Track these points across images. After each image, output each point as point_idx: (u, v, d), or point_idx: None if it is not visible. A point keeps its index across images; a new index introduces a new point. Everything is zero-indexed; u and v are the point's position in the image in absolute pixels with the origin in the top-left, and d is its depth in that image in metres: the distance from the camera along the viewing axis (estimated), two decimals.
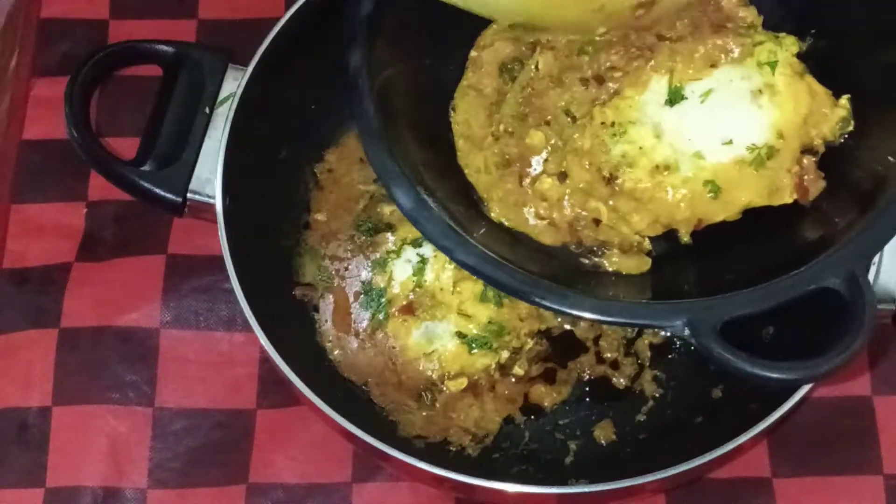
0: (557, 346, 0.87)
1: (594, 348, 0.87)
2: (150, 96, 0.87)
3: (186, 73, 0.85)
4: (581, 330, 0.87)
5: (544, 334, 0.87)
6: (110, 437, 0.87)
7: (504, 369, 0.86)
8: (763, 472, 0.86)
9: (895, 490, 0.85)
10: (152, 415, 0.88)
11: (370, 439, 0.74)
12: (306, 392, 0.75)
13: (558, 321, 0.87)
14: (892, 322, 0.79)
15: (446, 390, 0.84)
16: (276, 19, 0.84)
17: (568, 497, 0.77)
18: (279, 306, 0.85)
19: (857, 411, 0.88)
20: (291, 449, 0.87)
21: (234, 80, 0.84)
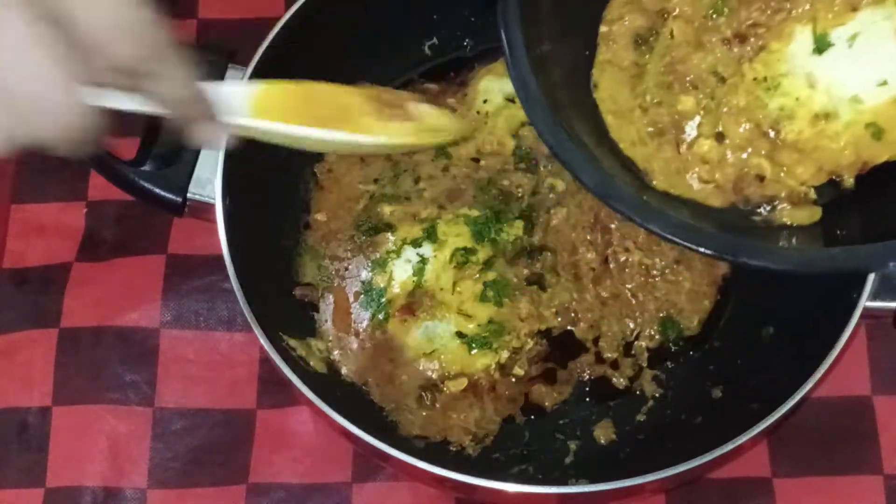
0: (557, 347, 0.87)
1: (594, 349, 0.87)
2: None
3: None
4: (580, 330, 0.87)
5: (544, 334, 0.87)
6: (110, 436, 0.87)
7: (504, 369, 0.86)
8: (763, 472, 0.86)
9: (895, 490, 0.85)
10: (152, 415, 0.88)
11: (370, 439, 0.74)
12: (306, 392, 0.75)
13: (558, 321, 0.87)
14: (893, 322, 0.79)
15: (446, 390, 0.84)
16: (276, 19, 0.84)
17: (568, 497, 0.77)
18: (279, 306, 0.85)
19: (857, 411, 0.87)
20: (291, 449, 0.87)
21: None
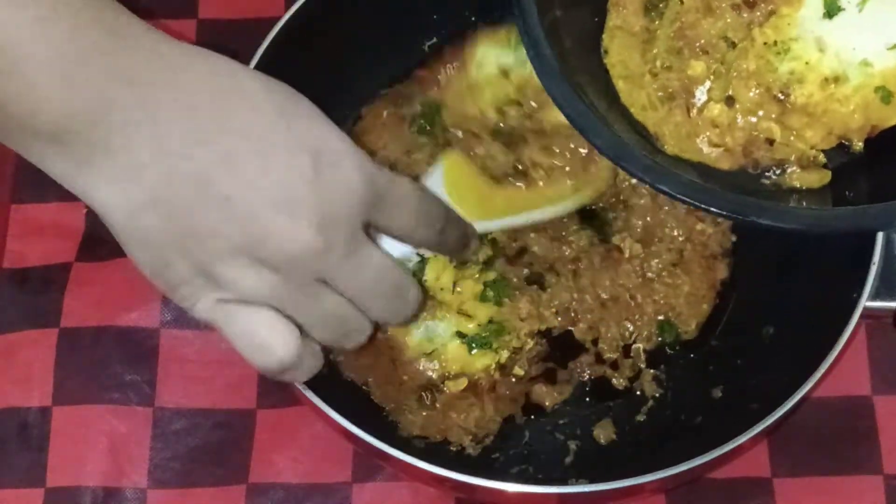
0: (557, 347, 0.87)
1: (594, 349, 0.87)
2: None
3: None
4: (580, 331, 0.87)
5: (544, 334, 0.87)
6: (110, 436, 0.87)
7: (504, 369, 0.85)
8: (763, 472, 0.86)
9: (895, 490, 0.85)
10: (152, 414, 0.88)
11: (370, 439, 0.74)
12: (306, 392, 0.75)
13: (558, 321, 0.87)
14: (893, 322, 0.79)
15: (446, 390, 0.84)
16: (277, 19, 0.84)
17: (568, 497, 0.77)
18: None
19: (857, 411, 0.87)
20: (292, 449, 0.87)
21: None
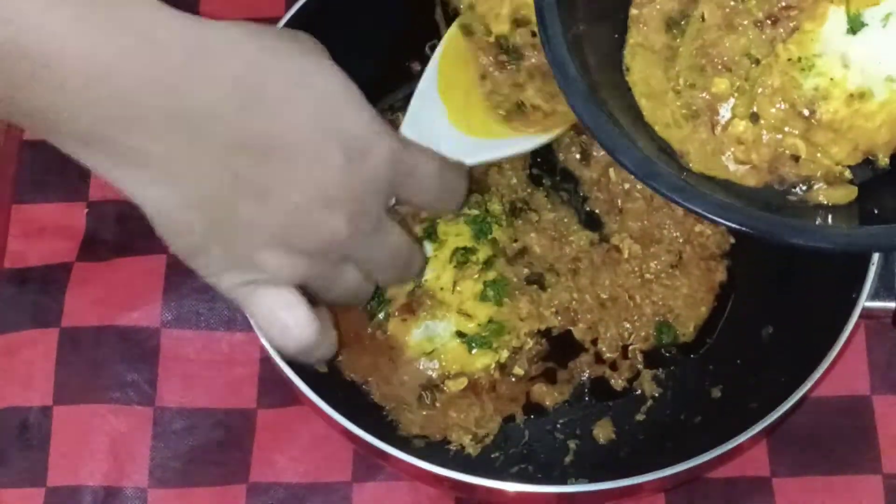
0: (557, 347, 0.87)
1: (593, 349, 0.87)
2: None
3: None
4: (579, 331, 0.87)
5: (544, 334, 0.87)
6: (111, 436, 0.87)
7: (504, 369, 0.86)
8: (762, 472, 0.86)
9: (895, 490, 0.85)
10: (153, 414, 0.88)
11: (370, 438, 0.74)
12: (306, 392, 0.75)
13: (559, 321, 0.87)
14: (892, 322, 0.79)
15: (446, 390, 0.84)
16: (277, 19, 0.84)
17: (568, 496, 0.77)
18: None
19: (856, 411, 0.88)
20: (292, 448, 0.87)
21: None
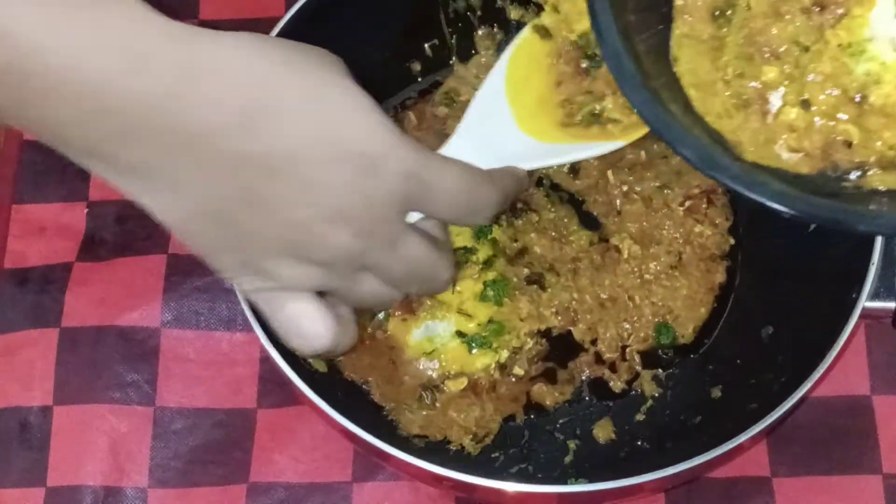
0: (557, 347, 0.87)
1: (593, 349, 0.87)
2: None
3: None
4: (579, 332, 0.87)
5: (544, 334, 0.87)
6: (111, 436, 0.87)
7: (504, 369, 0.86)
8: (762, 472, 0.86)
9: (895, 490, 0.85)
10: (153, 414, 0.88)
11: (370, 438, 0.74)
12: (306, 392, 0.75)
13: (559, 321, 0.87)
14: (892, 322, 0.79)
15: (446, 390, 0.84)
16: (277, 19, 0.84)
17: (567, 496, 0.77)
18: None
19: (856, 411, 0.88)
20: (292, 448, 0.87)
21: None
